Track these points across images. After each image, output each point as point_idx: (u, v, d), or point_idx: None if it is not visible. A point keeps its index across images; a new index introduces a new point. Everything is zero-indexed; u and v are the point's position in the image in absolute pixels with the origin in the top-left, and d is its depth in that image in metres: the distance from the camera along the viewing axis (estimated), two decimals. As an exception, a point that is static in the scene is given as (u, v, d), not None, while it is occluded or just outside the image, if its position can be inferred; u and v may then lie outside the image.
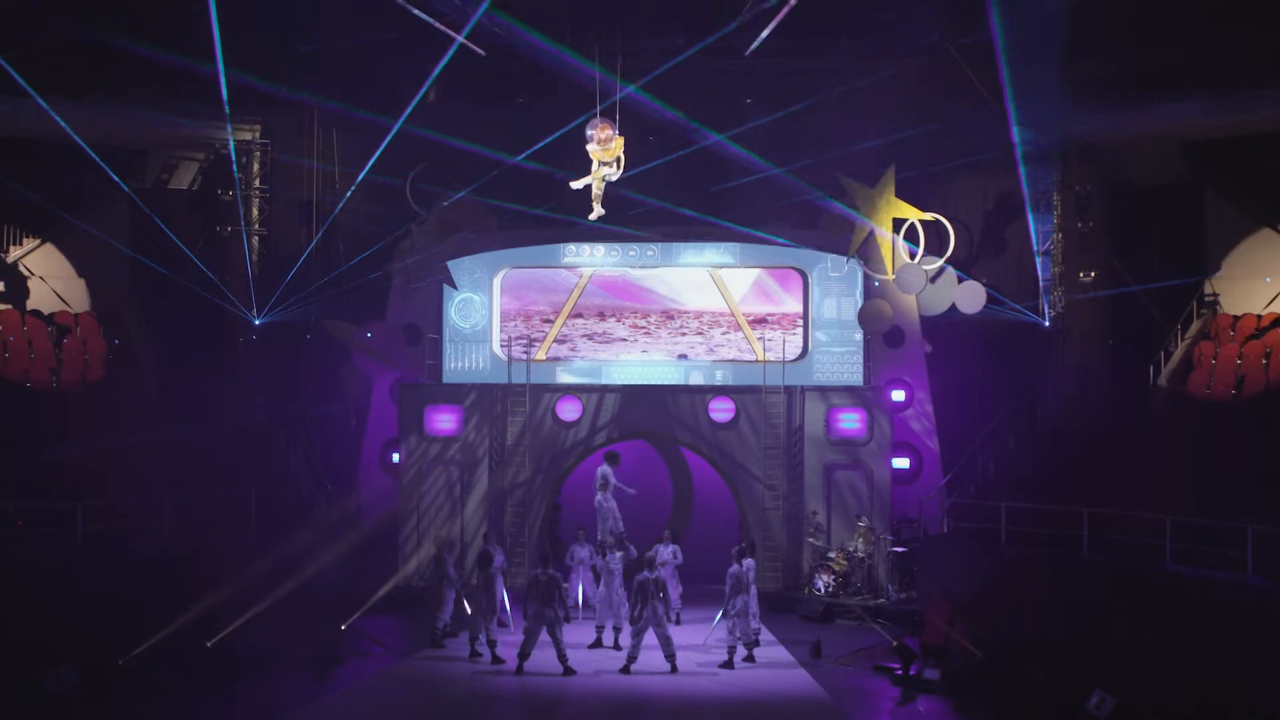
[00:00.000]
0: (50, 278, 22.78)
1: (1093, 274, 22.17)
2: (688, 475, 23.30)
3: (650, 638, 16.03)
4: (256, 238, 23.37)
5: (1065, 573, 16.14)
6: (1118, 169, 22.32)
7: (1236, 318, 21.17)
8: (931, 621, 17.41)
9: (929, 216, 21.33)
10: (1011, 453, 21.22)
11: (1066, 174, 21.87)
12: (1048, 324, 22.24)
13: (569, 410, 21.54)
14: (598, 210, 15.88)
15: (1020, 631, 16.21)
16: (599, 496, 19.80)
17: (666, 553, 18.33)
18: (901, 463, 21.64)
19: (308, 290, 22.61)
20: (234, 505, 18.79)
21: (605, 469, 20.02)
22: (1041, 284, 22.20)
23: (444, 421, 21.61)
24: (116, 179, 21.29)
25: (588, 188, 15.61)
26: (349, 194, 22.55)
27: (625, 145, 15.40)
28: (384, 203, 22.83)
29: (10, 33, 18.48)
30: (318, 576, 18.16)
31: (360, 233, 23.09)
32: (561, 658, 15.87)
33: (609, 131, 15.21)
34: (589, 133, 15.17)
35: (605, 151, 15.21)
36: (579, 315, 23.00)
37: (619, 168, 15.37)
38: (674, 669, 15.98)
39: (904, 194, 21.29)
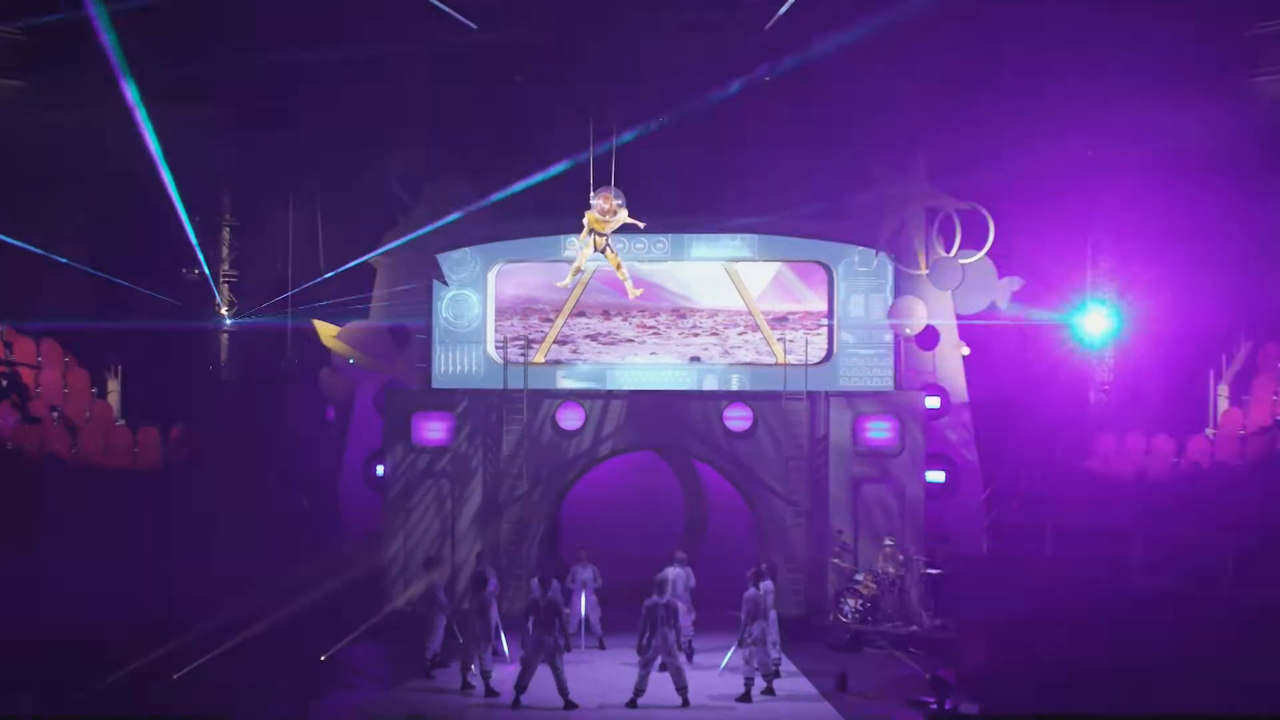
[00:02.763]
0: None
1: (1147, 265, 22.08)
2: (701, 490, 23.30)
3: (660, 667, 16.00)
4: (228, 228, 23.41)
5: (1118, 597, 16.09)
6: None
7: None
8: (969, 651, 17.38)
9: (966, 205, 21.30)
10: (1058, 465, 21.14)
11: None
12: (1095, 321, 22.17)
13: (570, 418, 21.54)
14: (571, 279, 16.17)
15: (1068, 663, 16.13)
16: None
17: (678, 576, 18.19)
18: (936, 476, 21.58)
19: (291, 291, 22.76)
20: (202, 522, 18.76)
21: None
22: (1090, 280, 22.17)
23: (433, 430, 21.61)
24: None
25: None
26: None
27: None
28: (369, 192, 22.86)
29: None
30: (295, 601, 18.12)
31: (343, 225, 23.17)
32: (562, 690, 15.84)
33: (613, 203, 15.29)
34: (593, 201, 15.29)
35: (603, 222, 15.26)
36: (581, 314, 22.97)
37: (608, 246, 15.58)
38: (685, 702, 15.94)
39: (939, 180, 21.30)
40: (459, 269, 22.90)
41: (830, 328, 22.47)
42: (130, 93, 17.98)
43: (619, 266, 15.98)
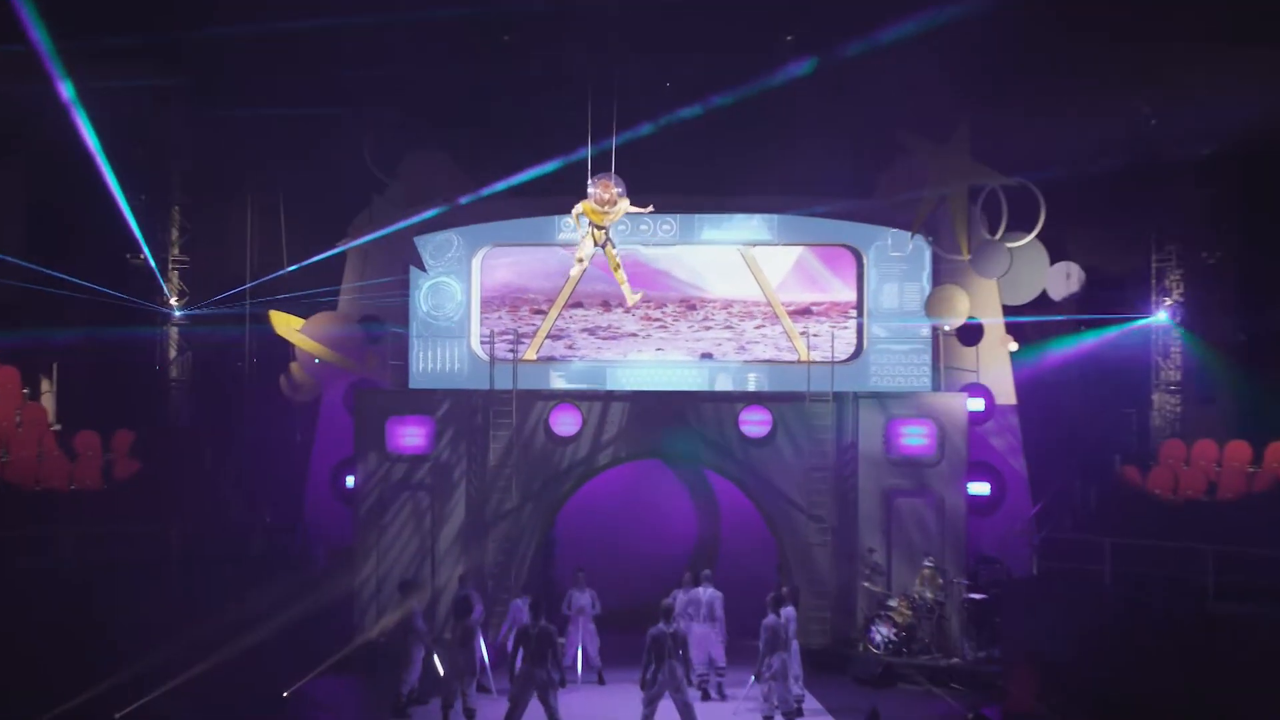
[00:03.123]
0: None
1: (1218, 254, 21.98)
2: (713, 504, 23.29)
3: (667, 705, 15.86)
4: (177, 207, 23.30)
5: (1185, 624, 15.98)
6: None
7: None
8: (1017, 687, 17.32)
9: (1013, 181, 21.19)
10: (1117, 475, 21.06)
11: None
12: (1162, 315, 22.08)
13: (566, 423, 21.45)
14: (578, 268, 16.06)
15: (1131, 702, 16.03)
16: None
17: (686, 600, 18.21)
18: (980, 488, 21.55)
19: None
20: (150, 540, 18.69)
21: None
22: (1154, 266, 22.08)
23: (411, 436, 21.51)
24: None
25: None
26: None
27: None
28: (339, 170, 22.78)
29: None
30: (254, 630, 17.99)
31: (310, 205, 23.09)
32: (555, 731, 15.73)
33: (613, 192, 15.18)
34: (590, 189, 15.21)
35: (601, 214, 15.22)
36: (578, 305, 22.97)
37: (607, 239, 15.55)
38: (696, 745, 15.80)
39: (982, 153, 21.20)
40: (439, 254, 22.88)
41: (859, 320, 22.47)
42: (50, 59, 17.92)
43: (618, 268, 15.90)
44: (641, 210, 15.70)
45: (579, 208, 15.22)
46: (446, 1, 20.32)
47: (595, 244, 15.52)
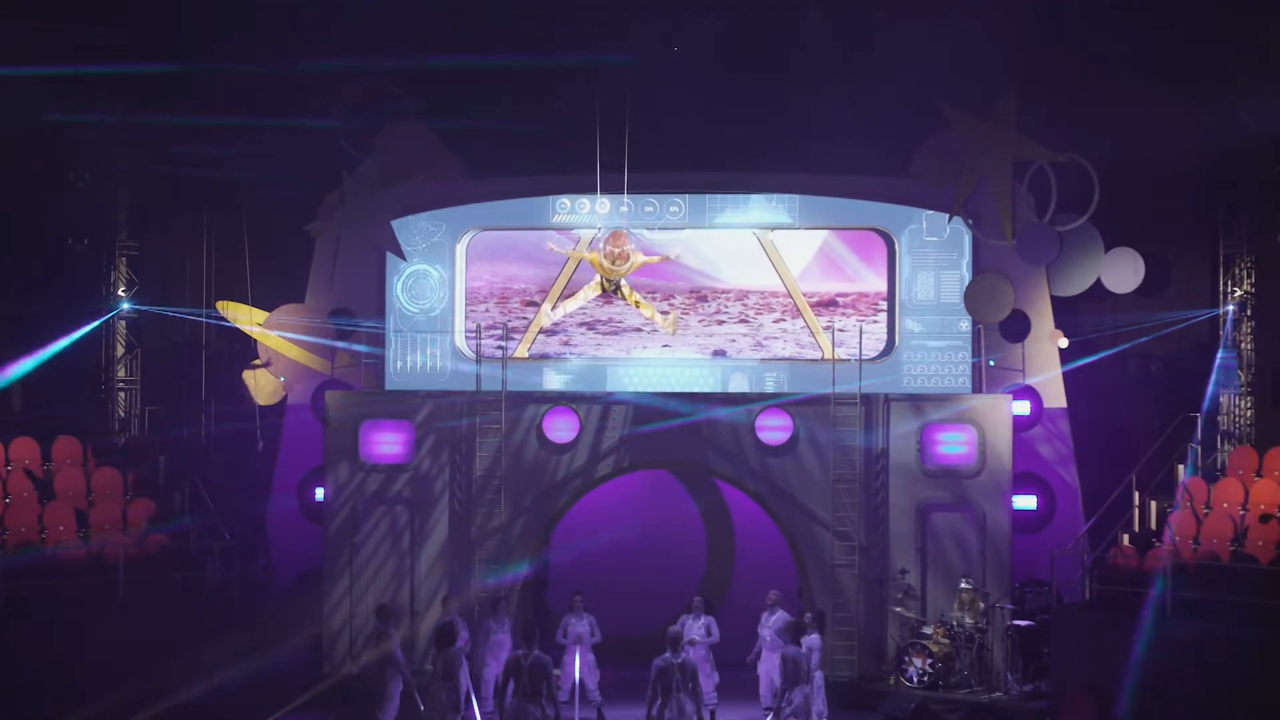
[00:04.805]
0: None
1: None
2: (727, 520, 23.32)
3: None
4: (126, 189, 23.33)
5: (1263, 657, 15.95)
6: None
7: None
8: (1070, 725, 17.33)
9: (1064, 158, 21.21)
10: (1183, 489, 21.03)
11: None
12: (1231, 308, 22.06)
13: (561, 428, 21.46)
14: (555, 313, 16.14)
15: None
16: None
17: (697, 628, 18.26)
18: (1026, 502, 21.60)
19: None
20: (92, 563, 18.74)
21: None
22: (1221, 252, 22.06)
23: (387, 444, 21.59)
24: None
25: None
26: None
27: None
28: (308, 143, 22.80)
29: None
30: (214, 663, 18.02)
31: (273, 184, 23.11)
32: (549, 773, 15.76)
33: (627, 247, 15.37)
34: (600, 244, 15.40)
35: (613, 269, 15.45)
36: (575, 295, 22.90)
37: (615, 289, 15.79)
38: (707, 789, 15.87)
39: (1030, 128, 21.17)
40: (419, 238, 22.88)
41: (891, 313, 22.47)
42: None
43: (639, 304, 16.24)
44: (655, 260, 15.88)
45: (590, 260, 15.52)
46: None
47: (605, 290, 15.81)
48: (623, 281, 16.04)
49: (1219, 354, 22.29)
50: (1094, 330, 22.27)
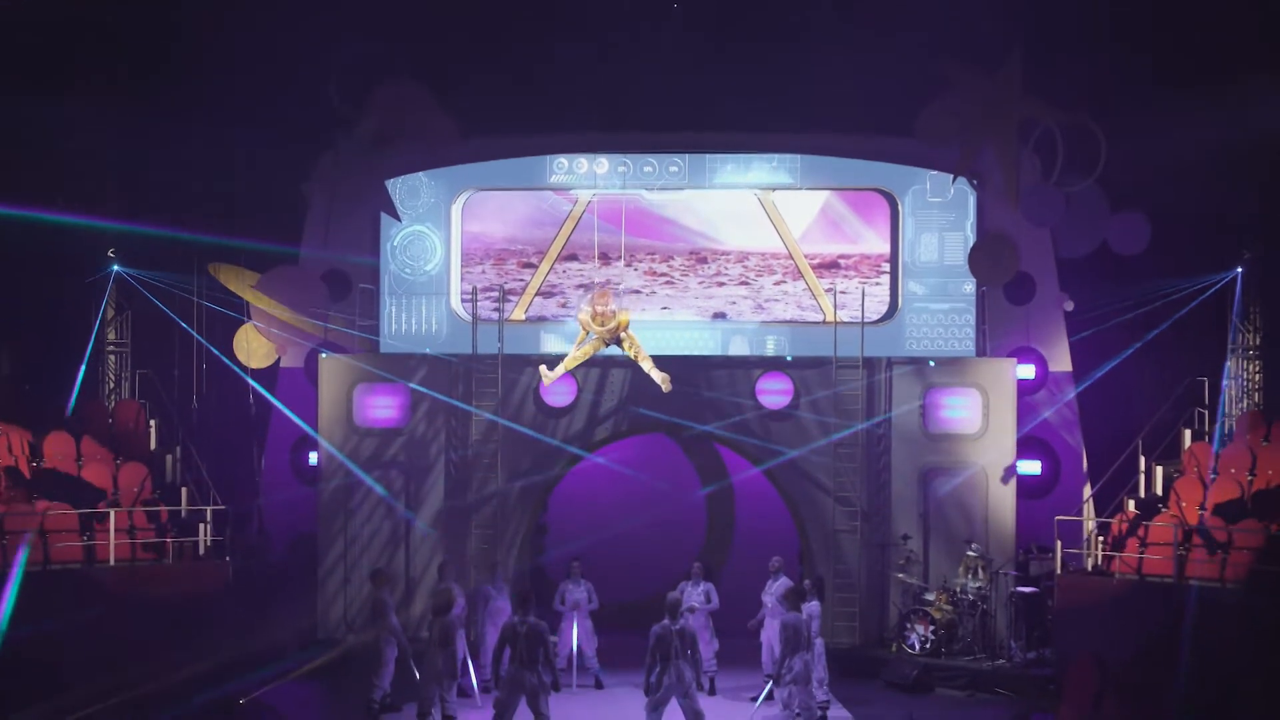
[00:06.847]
0: None
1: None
2: (727, 486, 23.36)
3: (674, 711, 15.89)
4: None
5: (1265, 623, 15.95)
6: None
7: None
8: (1073, 693, 17.27)
9: (1071, 117, 21.12)
10: (1189, 452, 21.03)
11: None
12: (1240, 269, 22.01)
13: (559, 392, 21.43)
14: (548, 375, 17.20)
15: (1200, 709, 16.00)
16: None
17: (696, 595, 18.28)
18: (1030, 467, 21.60)
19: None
20: (82, 525, 18.72)
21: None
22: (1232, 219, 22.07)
23: (382, 408, 21.64)
24: None
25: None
26: None
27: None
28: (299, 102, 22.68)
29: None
30: (205, 630, 18.10)
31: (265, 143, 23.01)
32: (546, 740, 15.77)
33: (610, 306, 16.32)
34: (585, 305, 16.38)
35: (601, 327, 16.37)
36: (572, 258, 22.94)
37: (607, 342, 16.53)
38: (706, 757, 15.86)
39: (1036, 87, 21.11)
40: (414, 199, 22.85)
41: (894, 275, 22.42)
42: None
43: (639, 357, 16.67)
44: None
45: (578, 319, 15.99)
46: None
47: (605, 343, 16.24)
48: (624, 333, 16.48)
49: (1229, 317, 22.30)
50: (1100, 297, 22.23)
